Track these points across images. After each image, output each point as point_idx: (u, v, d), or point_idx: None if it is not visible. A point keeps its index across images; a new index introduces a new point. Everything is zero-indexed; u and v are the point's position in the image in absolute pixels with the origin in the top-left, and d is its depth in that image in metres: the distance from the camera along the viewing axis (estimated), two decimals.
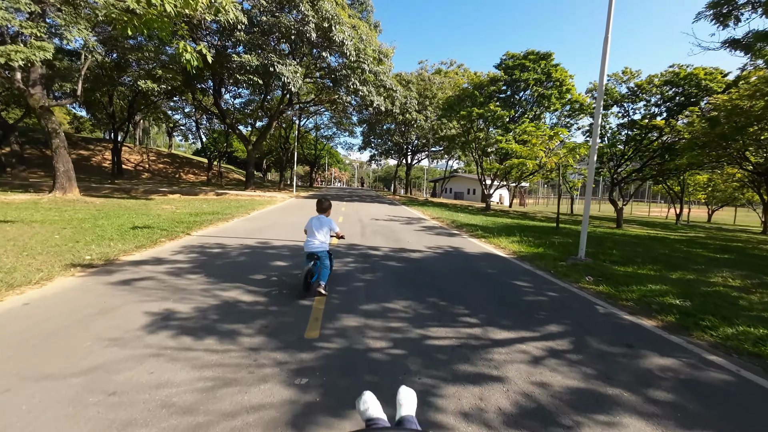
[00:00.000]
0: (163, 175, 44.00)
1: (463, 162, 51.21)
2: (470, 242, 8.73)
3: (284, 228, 9.68)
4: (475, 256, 7.08)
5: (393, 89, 24.55)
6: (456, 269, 5.82)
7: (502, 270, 5.97)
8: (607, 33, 6.06)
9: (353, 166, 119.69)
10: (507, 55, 22.02)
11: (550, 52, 20.37)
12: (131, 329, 3.07)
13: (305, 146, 56.83)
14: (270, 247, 6.97)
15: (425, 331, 3.30)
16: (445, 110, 22.46)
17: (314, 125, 50.29)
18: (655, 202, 76.38)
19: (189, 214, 11.89)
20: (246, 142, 26.79)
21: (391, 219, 13.38)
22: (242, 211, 13.77)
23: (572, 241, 9.48)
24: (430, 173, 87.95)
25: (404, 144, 43.24)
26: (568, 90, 20.46)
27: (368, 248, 7.21)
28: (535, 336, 3.30)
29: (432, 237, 9.23)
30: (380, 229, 10.22)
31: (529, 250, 7.65)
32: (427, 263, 6.15)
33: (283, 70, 15.11)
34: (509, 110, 20.26)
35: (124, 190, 21.58)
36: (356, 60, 18.75)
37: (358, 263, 5.95)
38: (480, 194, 54.12)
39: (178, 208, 14.30)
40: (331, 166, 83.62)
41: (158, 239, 7.25)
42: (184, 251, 6.38)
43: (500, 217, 18.57)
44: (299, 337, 3.06)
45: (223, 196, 22.51)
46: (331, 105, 36.42)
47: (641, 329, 3.67)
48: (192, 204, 16.08)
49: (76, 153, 42.68)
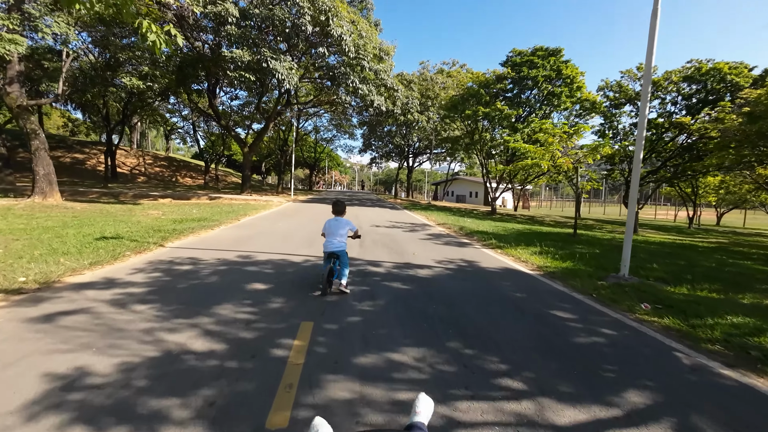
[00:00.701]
0: (159, 179, 43.06)
1: (465, 164, 50.15)
2: (485, 254, 7.63)
3: (274, 237, 8.59)
4: (495, 273, 5.98)
5: (394, 89, 23.54)
6: (476, 293, 4.71)
7: (533, 293, 4.87)
8: (656, 3, 4.99)
9: (354, 169, 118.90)
10: (514, 52, 21.01)
11: (560, 48, 19.35)
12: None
13: (305, 149, 55.92)
14: (251, 263, 5.88)
15: (450, 408, 2.20)
16: (448, 110, 21.42)
17: (313, 127, 49.35)
18: (658, 204, 75.05)
19: (173, 220, 10.83)
20: (242, 144, 25.80)
21: (393, 226, 12.30)
22: (232, 217, 12.72)
23: (600, 252, 8.37)
24: (431, 176, 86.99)
25: (405, 146, 42.25)
26: (579, 88, 19.41)
27: (368, 263, 6.12)
28: (616, 417, 2.19)
29: (441, 248, 8.13)
30: (381, 238, 9.13)
31: (555, 265, 6.54)
32: (439, 284, 5.05)
33: (277, 66, 14.10)
34: (517, 109, 19.20)
35: (112, 195, 20.57)
36: (355, 57, 17.76)
37: (355, 284, 4.86)
38: (483, 197, 53.05)
39: (165, 214, 13.29)
40: (332, 169, 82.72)
41: (122, 253, 6.18)
42: (147, 269, 5.31)
43: (509, 222, 17.46)
44: (258, 428, 1.97)
45: (217, 201, 21.47)
46: (331, 106, 35.47)
47: (758, 396, 2.56)
48: (181, 209, 15.04)
49: (71, 157, 41.89)
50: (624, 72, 19.46)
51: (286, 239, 8.34)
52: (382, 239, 8.90)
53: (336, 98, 23.16)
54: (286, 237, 8.72)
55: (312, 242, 7.99)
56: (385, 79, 22.55)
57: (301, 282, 4.91)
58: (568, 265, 6.50)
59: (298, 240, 8.28)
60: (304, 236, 8.85)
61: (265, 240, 8.17)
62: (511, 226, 14.95)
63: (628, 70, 19.56)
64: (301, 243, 7.86)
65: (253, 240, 8.11)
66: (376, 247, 7.68)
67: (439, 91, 31.02)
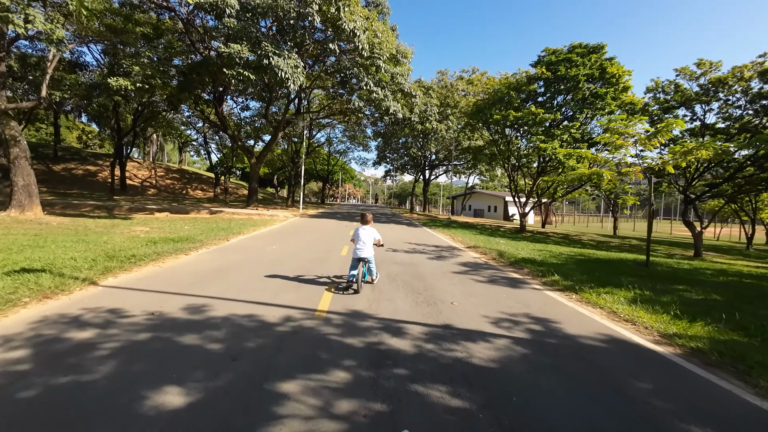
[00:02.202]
0: (169, 191, 42.23)
1: (485, 177, 47.52)
2: (558, 303, 5.17)
3: (257, 268, 6.39)
4: (602, 353, 3.52)
5: (412, 94, 21.58)
6: (595, 421, 2.31)
7: (709, 418, 2.42)
8: None
9: (368, 183, 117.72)
10: (547, 51, 18.74)
11: (602, 43, 16.96)
12: None
13: (317, 161, 54.63)
14: (197, 325, 3.64)
15: None
16: (472, 116, 19.18)
17: (326, 139, 48.02)
18: (695, 220, 69.54)
19: (149, 241, 8.91)
20: (249, 154, 24.21)
21: (414, 249, 9.95)
22: (222, 236, 10.70)
23: (722, 299, 5.74)
24: (446, 189, 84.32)
25: (422, 158, 40.13)
26: (626, 89, 16.89)
27: (382, 328, 3.78)
28: None
29: (488, 290, 5.73)
30: (401, 271, 6.79)
31: (684, 329, 4.05)
32: (518, 391, 2.66)
33: (281, 63, 12.29)
34: (553, 113, 16.78)
35: (107, 208, 19.07)
36: (370, 56, 15.87)
37: (356, 384, 2.54)
38: (502, 212, 50.06)
39: (149, 232, 11.48)
40: (345, 182, 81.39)
41: (19, 299, 4.13)
42: (15, 341, 3.15)
43: (546, 243, 14.83)
44: None
45: (217, 215, 19.68)
46: (344, 116, 33.88)
47: None
48: (172, 225, 13.19)
49: (84, 169, 41.67)
50: (679, 70, 16.87)
51: (271, 272, 6.13)
52: (402, 273, 6.56)
53: (349, 105, 21.32)
54: (274, 267, 6.51)
55: (306, 276, 5.75)
56: (402, 84, 20.62)
57: (262, 373, 2.63)
58: (708, 332, 3.99)
59: (288, 273, 6.06)
60: (296, 267, 6.62)
61: (243, 273, 5.97)
62: (554, 248, 12.36)
63: (683, 68, 16.97)
64: (288, 281, 5.63)
65: (226, 274, 5.92)
66: (394, 289, 5.35)
67: (459, 98, 28.94)
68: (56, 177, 37.43)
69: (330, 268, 6.64)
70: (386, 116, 24.03)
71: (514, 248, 11.30)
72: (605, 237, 25.10)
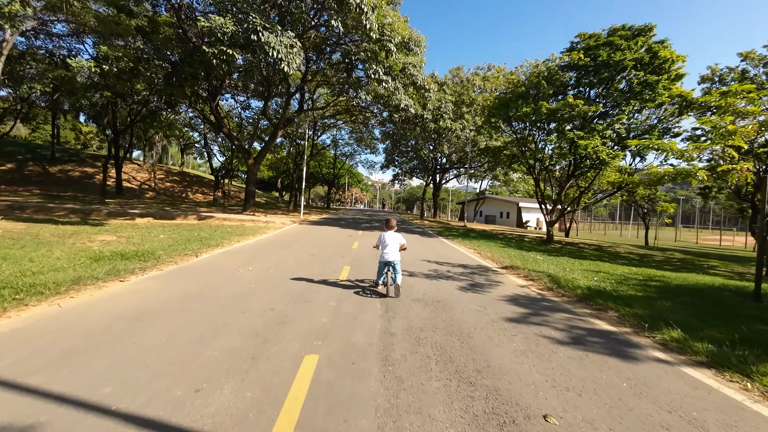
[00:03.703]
0: (168, 194, 40.54)
1: (500, 181, 44.90)
2: (737, 409, 2.76)
3: (204, 316, 4.00)
4: None
5: (425, 88, 19.30)
6: None
7: None
8: None
9: (375, 187, 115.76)
10: (581, 37, 16.29)
11: (650, 24, 14.46)
12: None
13: (323, 164, 52.65)
14: None
15: None
16: (495, 110, 16.80)
17: (332, 140, 45.99)
18: (707, 228, 65.07)
19: (94, 257, 6.87)
20: (246, 155, 22.13)
21: (436, 273, 7.56)
22: (195, 249, 8.54)
23: None
24: (454, 195, 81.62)
25: (433, 160, 37.73)
26: (679, 77, 14.35)
27: None
28: None
29: (585, 369, 3.30)
30: (428, 320, 4.39)
31: None
32: None
33: (272, 39, 10.15)
34: (595, 104, 14.28)
35: (84, 212, 17.05)
36: (379, 39, 13.65)
37: None
38: (515, 218, 47.21)
39: (114, 241, 9.54)
40: (352, 187, 79.34)
41: None
42: None
43: (590, 259, 12.26)
44: None
45: (206, 221, 17.54)
46: (350, 116, 31.78)
47: None
48: (146, 234, 11.03)
49: (81, 170, 40.23)
50: (744, 54, 14.30)
51: (222, 324, 3.79)
52: (429, 326, 4.16)
53: (355, 100, 19.14)
54: (229, 314, 4.16)
55: (272, 341, 3.38)
56: (415, 75, 18.36)
57: None
58: None
59: (246, 330, 3.69)
60: (263, 310, 4.27)
61: (170, 329, 3.62)
62: (607, 267, 9.83)
63: (748, 52, 14.40)
64: (241, 347, 3.26)
65: (142, 330, 3.58)
66: (423, 372, 2.97)
67: (475, 96, 26.58)
68: (52, 179, 36.00)
69: (316, 311, 4.30)
70: (396, 113, 21.80)
71: (561, 268, 8.83)
72: (642, 248, 22.34)
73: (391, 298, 5.13)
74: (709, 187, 16.79)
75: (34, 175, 35.94)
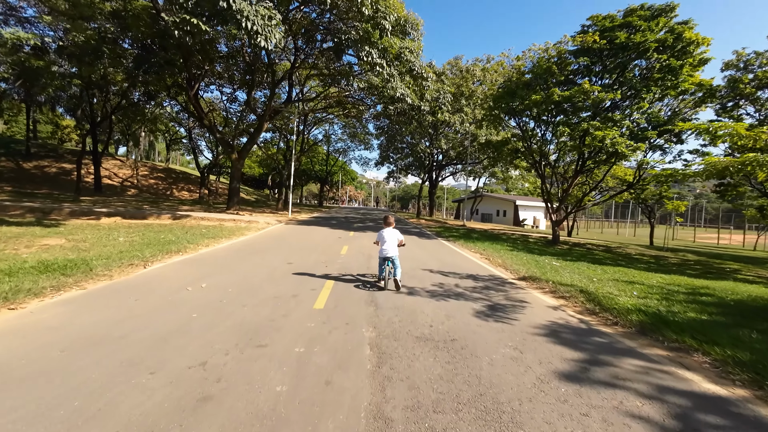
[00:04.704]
0: (152, 192, 38.51)
1: (499, 178, 43.61)
2: None
3: (94, 380, 2.45)
4: None
5: (423, 76, 17.77)
6: None
7: None
8: None
9: (369, 185, 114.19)
10: (594, 20, 14.86)
11: (673, 3, 13.11)
12: None
13: (315, 162, 50.86)
14: None
15: None
16: (501, 98, 15.32)
17: (324, 135, 44.23)
18: (699, 225, 64.37)
19: (9, 271, 5.16)
20: (229, 149, 20.43)
21: (443, 289, 6.07)
22: (147, 257, 6.96)
23: None
24: (449, 193, 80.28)
25: (430, 156, 36.23)
26: (703, 62, 13.02)
27: None
28: None
29: None
30: (437, 380, 2.89)
31: None
32: None
33: (245, 8, 8.53)
34: (612, 92, 12.86)
35: (43, 211, 15.27)
36: (373, 16, 12.09)
37: None
38: (512, 217, 45.93)
39: (57, 247, 8.02)
40: (346, 184, 77.59)
41: None
42: None
43: (607, 262, 10.88)
44: None
45: (181, 221, 15.87)
46: (343, 109, 30.13)
47: None
48: (104, 236, 9.42)
49: (59, 167, 38.01)
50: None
51: (95, 409, 2.25)
52: (443, 403, 2.67)
53: (347, 89, 17.57)
54: (132, 376, 2.62)
55: (189, 421, 1.82)
56: (412, 62, 16.82)
57: None
58: None
59: (139, 411, 2.13)
60: (194, 361, 2.71)
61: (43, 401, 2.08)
62: (637, 276, 8.44)
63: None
64: None
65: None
66: None
67: (475, 87, 25.11)
68: (26, 175, 33.82)
69: (270, 368, 2.78)
70: (392, 105, 20.25)
71: (587, 278, 7.42)
72: (649, 249, 21.13)
73: (386, 338, 3.61)
74: (732, 185, 15.56)
75: (6, 172, 33.71)
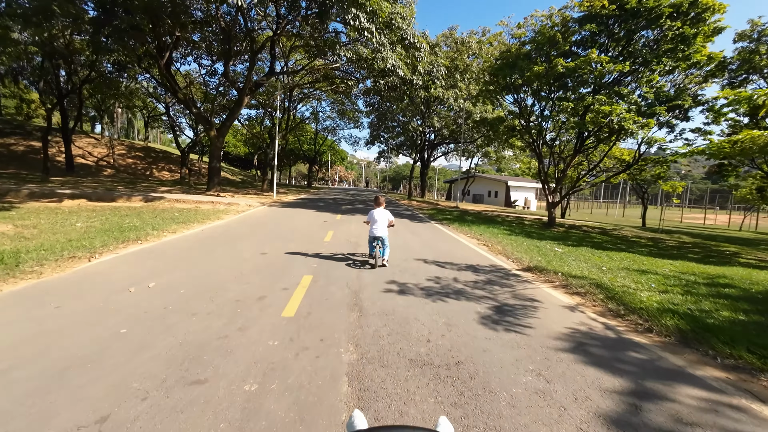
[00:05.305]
0: (129, 172, 36.56)
1: (491, 158, 42.78)
2: None
3: None
4: None
5: (416, 46, 16.42)
6: None
7: None
8: None
9: (360, 165, 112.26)
10: None
11: None
12: None
13: (303, 141, 48.99)
14: None
15: None
16: (500, 70, 14.16)
17: (312, 113, 42.36)
18: (685, 206, 65.62)
19: None
20: (207, 125, 18.94)
21: (438, 284, 5.27)
22: (98, 246, 6.01)
23: None
24: (440, 174, 79.32)
25: (422, 135, 34.97)
26: (717, 32, 12.09)
27: None
28: None
29: None
30: None
31: None
32: None
33: None
34: (621, 63, 11.87)
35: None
36: None
37: None
38: (504, 198, 45.47)
39: (11, 229, 7.04)
40: (335, 165, 75.77)
41: None
42: None
43: (607, 247, 10.27)
44: None
45: (154, 203, 14.67)
46: (330, 84, 28.43)
47: None
48: (64, 221, 8.30)
49: (27, 144, 35.60)
50: None
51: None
52: None
53: (334, 60, 16.18)
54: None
55: None
56: (404, 29, 15.44)
57: None
58: None
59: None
60: (91, 417, 1.81)
61: None
62: (648, 263, 7.81)
63: None
64: None
65: None
66: None
67: (470, 62, 23.74)
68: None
69: (200, 426, 1.93)
70: (382, 79, 18.87)
71: (595, 267, 6.73)
72: (644, 230, 20.82)
73: (371, 362, 2.77)
74: (732, 165, 15.01)
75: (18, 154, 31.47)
